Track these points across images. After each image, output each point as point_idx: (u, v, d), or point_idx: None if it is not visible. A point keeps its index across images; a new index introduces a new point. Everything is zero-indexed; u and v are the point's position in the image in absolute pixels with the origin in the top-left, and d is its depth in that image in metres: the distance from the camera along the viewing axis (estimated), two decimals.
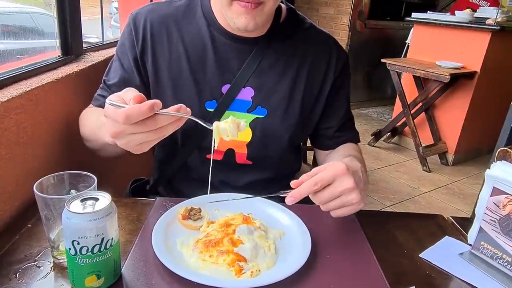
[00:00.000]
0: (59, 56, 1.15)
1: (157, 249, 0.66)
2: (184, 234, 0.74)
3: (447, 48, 3.57)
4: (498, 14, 3.31)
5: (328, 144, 1.07)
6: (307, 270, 0.67)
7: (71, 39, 1.17)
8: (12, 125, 0.79)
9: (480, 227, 0.75)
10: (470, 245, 0.78)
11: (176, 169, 1.03)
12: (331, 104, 1.03)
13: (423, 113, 3.73)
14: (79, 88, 1.07)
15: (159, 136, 0.64)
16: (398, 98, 3.77)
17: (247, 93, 0.95)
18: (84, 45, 1.28)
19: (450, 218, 0.92)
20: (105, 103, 0.62)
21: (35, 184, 0.62)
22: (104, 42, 1.54)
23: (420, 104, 3.67)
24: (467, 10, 3.61)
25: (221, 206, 0.83)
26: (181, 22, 0.95)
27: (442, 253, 0.77)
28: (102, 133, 0.73)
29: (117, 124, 0.60)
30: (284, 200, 0.72)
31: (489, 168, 0.74)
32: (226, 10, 0.85)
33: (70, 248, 0.55)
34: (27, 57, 1.11)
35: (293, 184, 0.72)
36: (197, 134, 0.95)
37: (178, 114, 0.62)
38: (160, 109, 0.61)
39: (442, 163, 3.70)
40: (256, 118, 0.95)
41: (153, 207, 0.84)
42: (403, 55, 4.38)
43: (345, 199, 0.71)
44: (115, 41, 0.99)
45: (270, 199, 0.85)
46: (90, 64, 1.16)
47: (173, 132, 0.95)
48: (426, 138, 3.70)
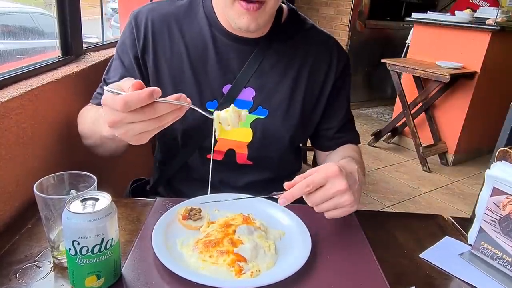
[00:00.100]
0: (59, 56, 1.15)
1: (157, 249, 0.67)
2: (184, 234, 0.74)
3: (447, 48, 3.57)
4: (498, 14, 3.31)
5: (328, 145, 1.07)
6: (307, 270, 0.67)
7: (71, 39, 1.17)
8: (12, 125, 0.79)
9: (480, 227, 0.75)
10: (470, 245, 0.78)
11: (177, 169, 1.03)
12: (332, 105, 1.03)
13: (423, 113, 3.73)
14: (79, 88, 1.07)
15: (158, 126, 0.62)
16: (398, 98, 3.77)
17: (248, 94, 0.95)
18: (84, 45, 1.28)
19: (450, 218, 0.92)
20: (104, 92, 0.61)
21: (35, 184, 0.62)
22: (104, 42, 1.55)
23: (420, 104, 3.67)
24: (467, 10, 3.61)
25: (221, 207, 0.83)
26: (183, 21, 0.95)
27: (442, 253, 0.77)
28: (100, 127, 0.73)
29: (116, 112, 0.59)
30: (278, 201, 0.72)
31: (489, 168, 0.74)
32: (228, 10, 0.84)
33: (70, 248, 0.55)
34: (27, 57, 1.11)
35: (286, 186, 0.72)
36: (198, 134, 0.95)
37: (178, 103, 0.61)
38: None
39: (442, 163, 3.70)
40: (257, 119, 0.95)
41: (153, 207, 0.84)
42: (403, 55, 4.38)
43: (338, 201, 0.71)
44: (115, 41, 0.99)
45: (270, 199, 0.85)
46: (90, 64, 1.16)
47: (174, 132, 0.97)
48: (426, 138, 3.70)
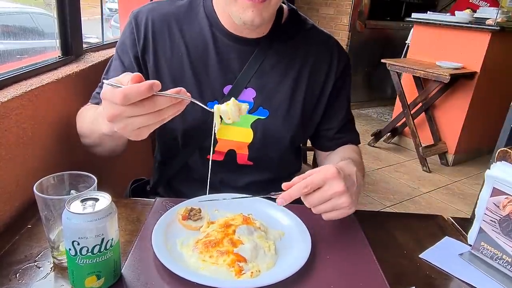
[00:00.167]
0: (59, 57, 1.15)
1: (157, 250, 0.67)
2: (184, 235, 0.74)
3: (447, 49, 3.57)
4: (498, 15, 3.31)
5: (329, 146, 1.07)
6: (307, 271, 0.67)
7: (71, 40, 1.17)
8: (12, 126, 0.79)
9: (480, 228, 0.75)
10: (470, 246, 0.79)
11: (177, 170, 1.02)
12: (332, 105, 1.03)
13: (423, 114, 3.73)
14: (79, 89, 1.07)
15: (158, 120, 0.61)
16: (398, 99, 3.77)
17: (249, 94, 0.94)
18: (84, 45, 1.28)
19: (450, 219, 0.92)
20: (103, 86, 0.61)
21: (35, 185, 0.62)
22: (104, 42, 1.55)
23: (420, 105, 3.67)
24: (467, 11, 3.61)
25: (221, 207, 0.83)
26: (183, 21, 0.94)
27: (442, 254, 0.77)
28: (100, 125, 0.73)
29: (115, 106, 0.58)
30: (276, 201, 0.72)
31: (489, 169, 0.74)
32: (232, 6, 0.83)
33: (70, 249, 0.55)
34: (27, 57, 1.11)
35: (284, 186, 0.72)
36: (198, 135, 0.95)
37: (178, 96, 0.60)
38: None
39: (442, 164, 3.70)
40: (258, 119, 0.95)
41: (153, 208, 0.84)
42: (403, 56, 4.38)
43: (335, 203, 0.71)
44: (115, 41, 0.98)
45: (269, 199, 0.85)
46: (90, 65, 1.16)
47: (174, 132, 0.96)
48: (426, 139, 3.70)
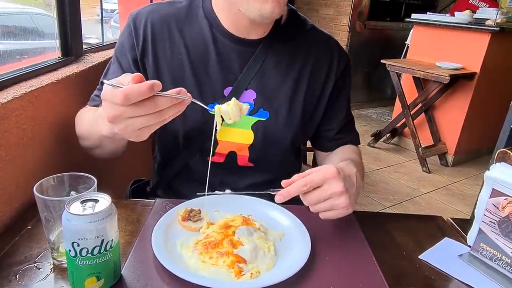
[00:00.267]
0: (59, 57, 1.15)
1: (157, 251, 0.67)
2: (184, 236, 0.74)
3: (447, 49, 3.57)
4: (498, 15, 3.31)
5: (329, 146, 1.07)
6: (307, 272, 0.67)
7: (71, 40, 1.17)
8: (12, 127, 0.79)
9: (480, 229, 0.76)
10: (470, 247, 0.79)
11: (177, 171, 1.02)
12: (333, 106, 1.03)
13: (423, 114, 3.73)
14: (79, 89, 1.07)
15: (159, 121, 0.61)
16: (398, 99, 3.78)
17: (249, 96, 0.94)
18: (84, 46, 1.28)
19: (450, 220, 0.92)
20: (104, 87, 0.61)
21: (35, 186, 0.62)
22: (104, 43, 1.55)
23: (420, 105, 3.67)
24: (467, 11, 3.61)
25: (221, 208, 0.83)
26: (183, 23, 0.94)
27: (442, 255, 0.78)
28: (99, 127, 0.73)
29: (116, 106, 0.58)
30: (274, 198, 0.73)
31: (488, 170, 0.74)
32: (247, 2, 0.81)
33: (70, 250, 0.55)
34: (27, 58, 1.11)
35: (284, 183, 0.73)
36: (199, 136, 0.94)
37: (179, 96, 0.60)
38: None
39: (442, 164, 3.70)
40: (258, 121, 0.95)
41: (153, 209, 0.84)
42: (403, 56, 4.39)
43: (334, 203, 0.72)
44: (115, 42, 0.98)
45: (265, 198, 0.85)
46: (90, 65, 1.16)
47: (175, 134, 0.96)
48: (426, 139, 3.70)
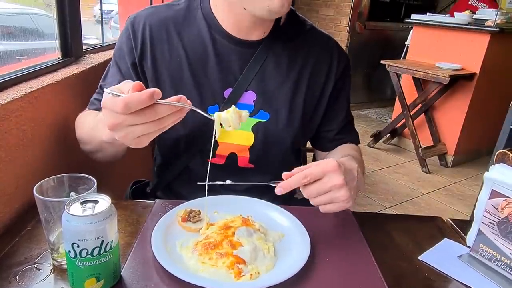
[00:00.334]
0: (59, 58, 1.16)
1: (157, 252, 0.67)
2: (184, 236, 0.74)
3: (447, 50, 3.57)
4: (497, 16, 3.32)
5: (329, 146, 1.07)
6: (306, 272, 0.67)
7: (71, 41, 1.17)
8: (12, 128, 0.79)
9: (479, 230, 0.76)
10: (469, 248, 0.79)
11: (177, 173, 1.02)
12: (333, 106, 1.03)
13: (423, 115, 3.73)
14: (79, 90, 1.07)
15: (159, 128, 0.62)
16: (398, 100, 3.78)
17: (249, 97, 0.94)
18: (84, 47, 1.28)
19: (449, 221, 0.92)
20: (104, 95, 0.61)
21: (35, 187, 0.63)
22: (104, 44, 1.55)
23: (420, 106, 3.67)
24: (466, 12, 3.62)
25: (221, 209, 0.83)
26: (181, 25, 0.93)
27: (441, 256, 0.78)
28: (100, 132, 0.73)
29: (116, 115, 0.58)
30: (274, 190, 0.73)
31: (488, 171, 0.74)
32: (253, 1, 0.81)
33: (70, 251, 0.56)
34: (27, 59, 1.11)
35: (284, 176, 0.73)
36: (199, 138, 0.94)
37: (178, 104, 0.61)
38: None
39: (442, 165, 3.71)
40: (258, 122, 0.95)
41: (153, 210, 0.84)
42: (403, 57, 4.39)
43: (334, 195, 0.72)
44: (115, 43, 0.98)
45: (266, 199, 0.86)
46: (90, 66, 1.16)
47: (175, 136, 0.96)
48: (426, 140, 3.70)
